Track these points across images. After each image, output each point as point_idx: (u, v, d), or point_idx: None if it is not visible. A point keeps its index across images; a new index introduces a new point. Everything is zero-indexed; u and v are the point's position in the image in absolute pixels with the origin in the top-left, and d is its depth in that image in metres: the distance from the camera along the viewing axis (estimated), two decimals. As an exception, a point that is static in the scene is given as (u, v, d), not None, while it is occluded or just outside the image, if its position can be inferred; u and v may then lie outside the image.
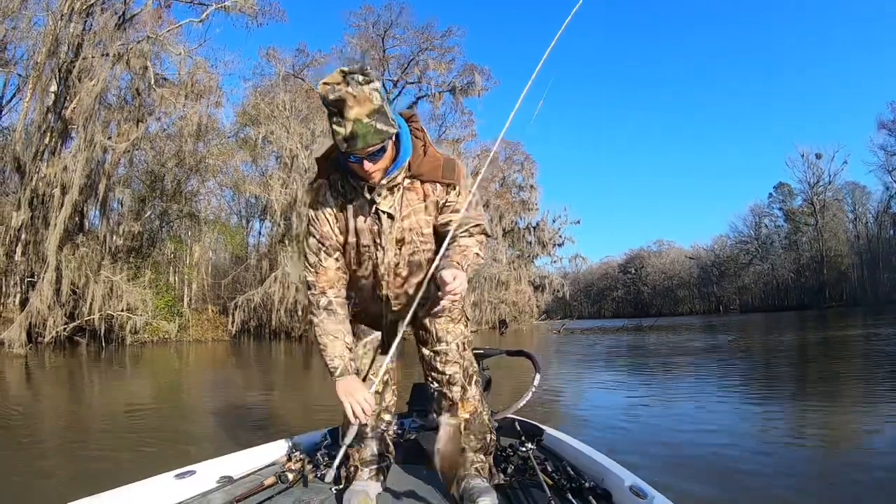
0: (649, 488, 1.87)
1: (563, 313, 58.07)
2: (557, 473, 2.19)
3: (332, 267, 2.02)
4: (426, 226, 2.03)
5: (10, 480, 4.11)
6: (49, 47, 19.54)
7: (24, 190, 19.50)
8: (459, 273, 1.87)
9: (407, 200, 1.98)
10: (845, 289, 65.60)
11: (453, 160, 2.02)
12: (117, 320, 21.64)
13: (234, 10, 23.82)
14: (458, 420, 2.07)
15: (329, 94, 1.66)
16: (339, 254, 2.04)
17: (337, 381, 1.97)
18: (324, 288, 2.02)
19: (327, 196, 2.00)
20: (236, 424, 6.20)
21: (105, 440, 5.50)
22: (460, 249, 1.99)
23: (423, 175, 1.97)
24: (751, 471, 3.98)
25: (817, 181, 66.84)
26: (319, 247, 2.01)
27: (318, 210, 2.01)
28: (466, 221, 2.02)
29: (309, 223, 2.04)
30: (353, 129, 1.68)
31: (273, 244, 28.40)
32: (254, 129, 29.33)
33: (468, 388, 2.15)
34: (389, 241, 2.00)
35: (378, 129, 1.71)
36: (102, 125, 21.08)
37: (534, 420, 3.00)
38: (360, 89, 1.66)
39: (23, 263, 20.25)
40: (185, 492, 2.10)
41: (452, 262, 1.93)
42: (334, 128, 1.71)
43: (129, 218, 24.40)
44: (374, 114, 1.69)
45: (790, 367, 11.15)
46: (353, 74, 1.67)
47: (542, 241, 42.43)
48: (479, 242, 2.06)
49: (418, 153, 1.96)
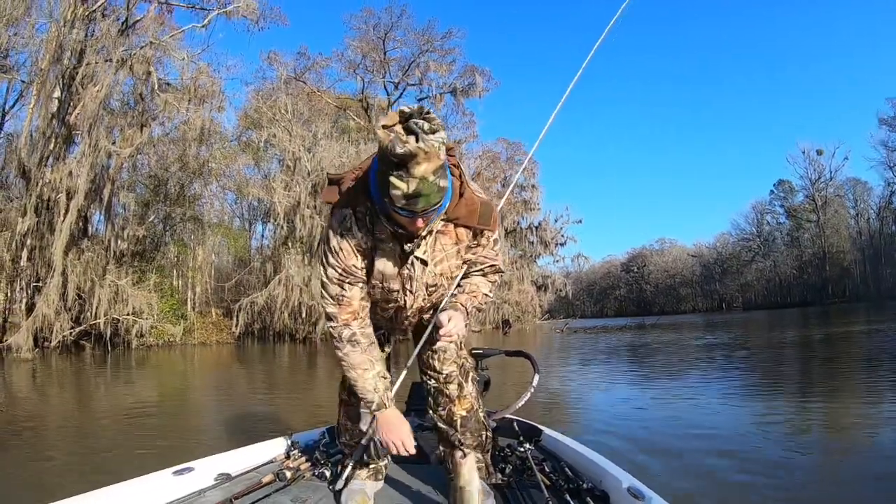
0: (647, 490, 1.88)
1: (566, 313, 58.19)
2: (555, 474, 2.20)
3: (356, 297, 1.90)
4: (457, 269, 1.98)
5: (20, 477, 4.26)
6: (53, 54, 19.64)
7: (29, 196, 19.63)
8: (456, 315, 1.89)
9: (441, 245, 1.89)
10: (848, 285, 65.57)
11: (490, 204, 1.90)
12: (123, 324, 21.75)
13: (235, 14, 24.00)
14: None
15: (396, 148, 1.46)
16: (362, 283, 1.91)
17: (377, 416, 1.93)
18: (347, 321, 1.90)
19: (353, 229, 1.83)
20: (241, 423, 6.32)
21: (112, 440, 5.62)
22: (470, 289, 1.99)
23: (459, 219, 1.86)
24: (752, 471, 3.98)
25: (818, 177, 66.81)
26: (342, 279, 1.87)
27: (343, 242, 1.83)
28: (483, 261, 2.00)
29: (329, 254, 1.87)
30: (418, 187, 1.51)
31: (276, 247, 28.49)
32: (256, 132, 29.49)
33: (465, 385, 2.14)
34: (420, 287, 1.93)
35: (440, 188, 1.57)
36: (106, 130, 21.21)
37: (532, 420, 3.02)
38: (430, 143, 1.47)
39: (28, 269, 20.39)
40: (183, 489, 2.09)
41: (457, 304, 1.95)
42: (394, 181, 1.51)
43: (134, 222, 24.51)
44: (439, 169, 1.54)
45: (792, 365, 11.12)
46: (417, 121, 1.51)
47: (545, 240, 42.38)
48: (490, 282, 2.06)
49: (455, 194, 1.79)
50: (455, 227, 1.89)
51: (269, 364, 16.83)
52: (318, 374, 12.60)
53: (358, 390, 1.93)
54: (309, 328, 25.72)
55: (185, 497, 2.03)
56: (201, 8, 24.06)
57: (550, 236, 42.66)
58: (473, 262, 1.99)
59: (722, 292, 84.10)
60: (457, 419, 2.13)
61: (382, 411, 1.93)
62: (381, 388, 1.93)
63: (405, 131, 1.50)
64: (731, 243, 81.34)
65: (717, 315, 59.93)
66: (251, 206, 35.73)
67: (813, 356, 12.70)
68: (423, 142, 1.46)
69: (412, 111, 1.53)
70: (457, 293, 1.98)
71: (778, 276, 74.78)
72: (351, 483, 2.15)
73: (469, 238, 1.93)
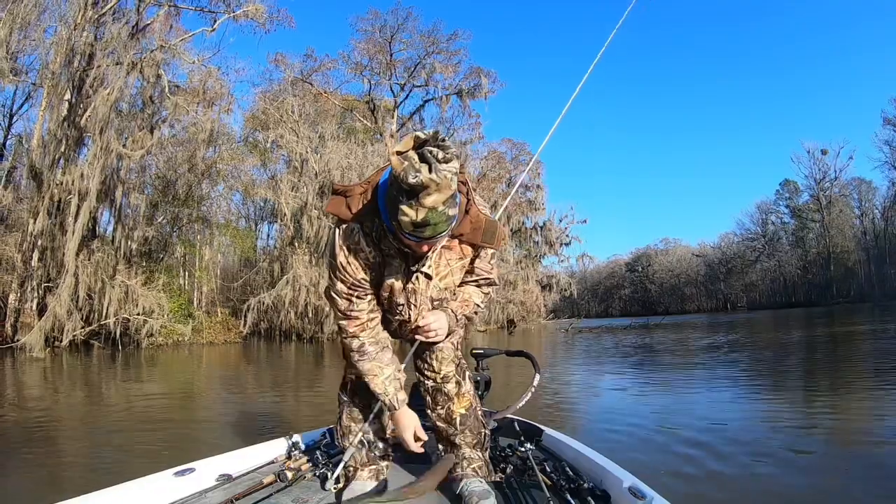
0: (648, 489, 1.89)
1: (571, 312, 58.18)
2: (556, 474, 2.20)
3: (364, 310, 1.94)
4: (460, 282, 2.04)
5: (34, 473, 4.42)
6: (64, 57, 19.91)
7: (42, 198, 19.88)
8: (441, 316, 1.96)
9: (446, 260, 1.94)
10: (852, 285, 65.37)
11: (495, 223, 1.92)
12: (133, 324, 22.05)
13: (243, 17, 24.26)
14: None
15: (408, 177, 1.48)
16: (371, 296, 1.95)
17: (390, 415, 2.04)
18: (356, 333, 1.96)
19: (361, 243, 1.84)
20: (254, 421, 6.45)
21: (123, 437, 5.74)
22: (462, 297, 2.05)
23: (464, 236, 1.90)
24: (753, 472, 4.00)
25: (823, 177, 66.74)
26: (350, 293, 1.90)
27: (351, 256, 1.85)
28: (479, 272, 2.06)
29: (337, 269, 1.88)
30: (427, 217, 1.53)
31: (283, 247, 28.74)
32: (262, 133, 29.74)
33: (462, 383, 2.16)
34: (424, 301, 1.97)
35: (449, 217, 1.59)
36: (117, 133, 21.48)
37: (536, 420, 3.01)
38: (443, 174, 1.49)
39: (39, 269, 20.68)
40: (185, 489, 2.10)
41: (447, 309, 2.00)
42: (404, 209, 1.53)
43: (143, 223, 24.78)
44: (450, 199, 1.55)
45: (795, 366, 11.08)
46: (431, 150, 1.51)
47: (549, 240, 42.48)
48: (483, 294, 2.11)
49: (461, 211, 1.80)
50: (460, 242, 1.93)
51: (277, 362, 16.97)
52: (328, 371, 12.73)
53: (374, 392, 2.00)
54: (315, 328, 25.92)
55: (186, 498, 2.04)
56: (209, 10, 24.34)
57: (555, 236, 42.76)
58: (469, 271, 2.04)
59: (726, 292, 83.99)
60: (456, 417, 2.14)
61: (394, 413, 2.00)
62: (392, 390, 1.98)
63: (419, 158, 1.50)
64: (736, 243, 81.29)
65: (722, 315, 59.63)
66: (257, 206, 36.01)
67: (817, 357, 12.70)
68: (436, 172, 1.47)
69: (427, 137, 1.53)
70: (450, 299, 2.03)
71: (783, 276, 74.69)
72: (352, 483, 2.17)
73: (471, 252, 1.99)
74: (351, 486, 2.16)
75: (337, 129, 29.89)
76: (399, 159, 1.50)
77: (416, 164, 1.48)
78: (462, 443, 2.15)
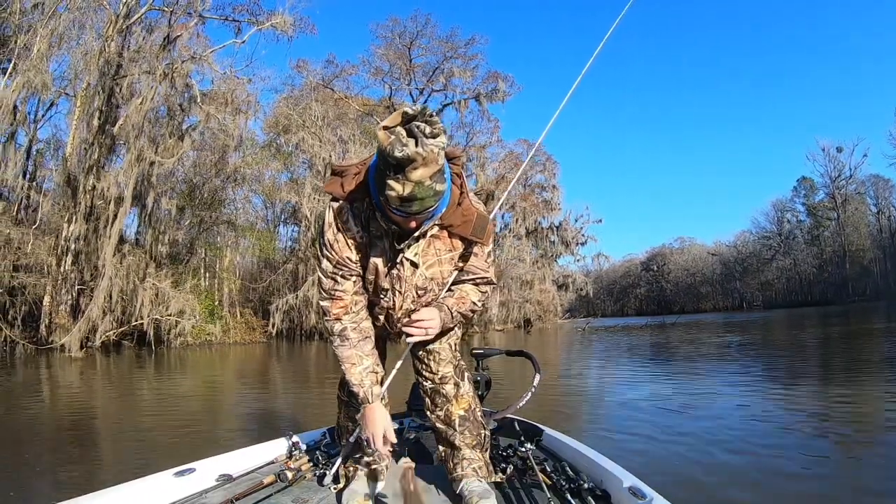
0: (648, 489, 1.89)
1: (587, 311, 58.55)
2: (556, 474, 2.19)
3: (349, 291, 1.90)
4: (448, 275, 2.00)
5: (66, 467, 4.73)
6: (98, 67, 20.63)
7: (77, 203, 20.62)
8: (434, 313, 1.92)
9: (434, 250, 1.91)
10: (868, 283, 64.84)
11: (485, 218, 1.91)
12: (165, 324, 22.75)
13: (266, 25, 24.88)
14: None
15: (395, 151, 1.47)
16: (356, 277, 1.92)
17: (363, 409, 1.94)
18: (338, 314, 1.91)
19: (349, 222, 1.84)
20: (284, 416, 6.78)
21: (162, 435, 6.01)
22: (459, 295, 2.01)
23: (453, 227, 1.87)
24: (755, 472, 4.00)
25: (838, 175, 66.32)
26: (335, 272, 1.88)
27: (339, 234, 1.85)
28: (476, 271, 2.02)
29: (324, 246, 1.89)
30: (414, 191, 1.53)
31: (306, 248, 29.40)
32: (284, 137, 30.39)
33: (461, 384, 2.14)
34: (409, 289, 1.95)
35: (436, 192, 1.59)
36: (149, 140, 22.24)
37: (534, 420, 3.00)
38: (429, 148, 1.48)
39: (73, 272, 21.44)
40: (185, 490, 2.11)
41: (444, 305, 1.97)
42: (391, 183, 1.52)
43: (172, 227, 25.49)
44: (437, 174, 1.55)
45: (806, 368, 10.98)
46: (419, 124, 1.51)
47: (565, 240, 42.70)
48: (480, 293, 2.06)
49: (453, 202, 1.82)
50: (449, 234, 1.90)
51: (306, 361, 17.46)
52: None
53: (349, 382, 1.94)
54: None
55: (186, 498, 2.05)
56: (233, 20, 24.96)
57: (571, 236, 42.99)
58: (465, 270, 2.01)
59: (742, 291, 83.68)
60: (455, 419, 2.12)
61: (366, 406, 1.93)
62: (368, 383, 1.92)
63: (406, 133, 1.49)
64: (752, 242, 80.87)
65: (738, 314, 59.32)
66: (276, 208, 36.62)
67: (834, 355, 12.82)
68: (422, 146, 1.47)
69: (415, 112, 1.52)
70: (446, 295, 2.01)
71: (798, 275, 74.21)
72: (352, 483, 2.16)
73: (461, 246, 1.95)
74: (350, 485, 2.15)
75: (358, 133, 30.47)
76: (385, 134, 1.50)
77: (403, 139, 1.47)
78: (462, 444, 2.13)
